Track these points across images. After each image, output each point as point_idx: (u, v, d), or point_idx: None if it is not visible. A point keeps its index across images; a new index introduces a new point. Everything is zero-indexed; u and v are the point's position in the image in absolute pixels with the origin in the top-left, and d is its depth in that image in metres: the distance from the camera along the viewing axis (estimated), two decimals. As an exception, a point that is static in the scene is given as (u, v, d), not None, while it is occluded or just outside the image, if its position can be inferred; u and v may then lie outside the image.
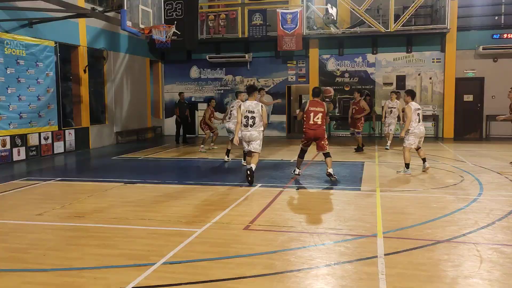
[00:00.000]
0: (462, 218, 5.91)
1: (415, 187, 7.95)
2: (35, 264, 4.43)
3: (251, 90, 8.52)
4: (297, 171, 8.93)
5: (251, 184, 8.01)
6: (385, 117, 13.66)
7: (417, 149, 9.36)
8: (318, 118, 8.35)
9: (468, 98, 16.75)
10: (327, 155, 8.51)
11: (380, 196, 7.21)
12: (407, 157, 9.10)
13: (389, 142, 13.49)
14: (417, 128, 9.03)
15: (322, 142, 8.47)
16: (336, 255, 4.59)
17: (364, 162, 10.93)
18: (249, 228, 5.51)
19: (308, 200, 7.03)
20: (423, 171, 9.31)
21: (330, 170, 8.39)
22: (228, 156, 11.25)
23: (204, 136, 13.55)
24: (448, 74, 16.64)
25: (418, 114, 9.04)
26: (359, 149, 12.78)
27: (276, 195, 7.36)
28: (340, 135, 17.79)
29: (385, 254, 4.53)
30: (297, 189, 7.88)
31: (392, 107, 13.47)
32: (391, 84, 17.21)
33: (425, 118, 17.03)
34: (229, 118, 11.32)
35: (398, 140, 14.69)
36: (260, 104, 8.42)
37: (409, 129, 8.99)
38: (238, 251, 4.70)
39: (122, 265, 4.36)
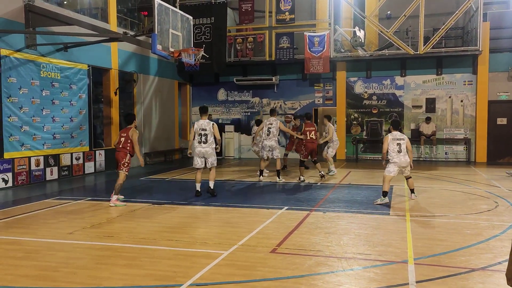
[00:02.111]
0: (498, 245, 5.69)
1: (446, 213, 7.73)
2: (65, 282, 4.48)
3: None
4: (301, 178, 11.39)
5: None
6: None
7: (407, 178, 8.90)
8: (312, 134, 11.46)
9: (502, 121, 16.31)
10: (315, 161, 11.73)
11: (410, 221, 7.04)
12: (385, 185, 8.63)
13: (331, 167, 12.50)
14: (397, 158, 8.56)
15: (315, 153, 11.59)
16: (365, 281, 4.47)
17: (392, 186, 10.71)
18: (275, 251, 5.45)
19: (335, 224, 6.91)
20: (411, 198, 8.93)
21: (323, 172, 11.70)
22: (261, 175, 11.82)
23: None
24: (480, 97, 16.28)
25: (398, 145, 8.54)
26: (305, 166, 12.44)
27: (303, 218, 7.28)
28: (368, 158, 17.57)
29: (416, 282, 4.39)
30: (324, 212, 7.77)
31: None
32: (420, 107, 16.97)
33: (456, 141, 16.76)
34: (267, 135, 11.39)
35: (432, 164, 14.36)
36: (212, 122, 9.85)
37: (388, 158, 8.64)
38: (264, 275, 4.64)
39: (149, 285, 4.36)
